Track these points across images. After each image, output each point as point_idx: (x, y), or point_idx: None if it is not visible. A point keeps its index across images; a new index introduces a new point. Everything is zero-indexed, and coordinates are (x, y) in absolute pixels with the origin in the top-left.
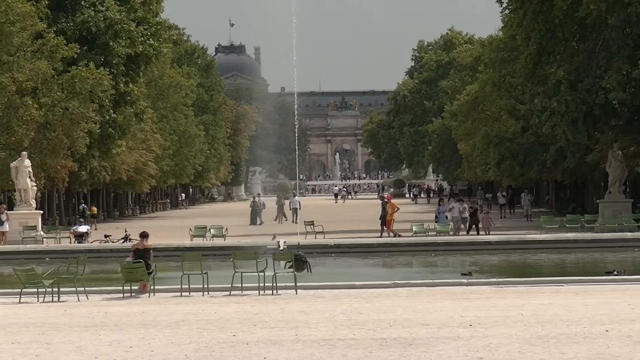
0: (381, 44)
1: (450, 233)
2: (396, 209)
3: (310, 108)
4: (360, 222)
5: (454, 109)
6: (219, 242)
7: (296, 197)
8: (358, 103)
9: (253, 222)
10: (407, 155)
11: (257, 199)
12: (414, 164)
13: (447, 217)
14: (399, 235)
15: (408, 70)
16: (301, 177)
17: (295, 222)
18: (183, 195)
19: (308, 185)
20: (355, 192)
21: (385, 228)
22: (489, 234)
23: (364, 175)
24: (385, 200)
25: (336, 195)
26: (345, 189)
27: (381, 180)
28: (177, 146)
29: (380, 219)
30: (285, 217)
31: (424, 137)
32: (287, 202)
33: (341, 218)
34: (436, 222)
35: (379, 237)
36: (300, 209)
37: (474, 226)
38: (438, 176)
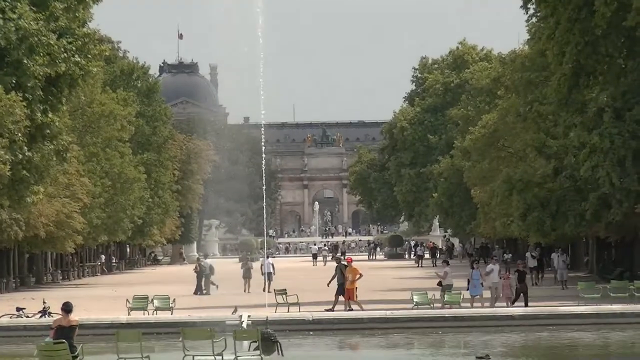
0: (372, 61)
1: (486, 305)
2: (358, 275)
3: (282, 144)
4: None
5: (466, 145)
6: (164, 316)
7: (269, 259)
8: (343, 137)
9: (198, 290)
10: (407, 204)
11: (202, 261)
12: (415, 215)
13: (482, 284)
14: (362, 308)
15: (407, 96)
16: (271, 233)
17: (269, 291)
18: (113, 257)
19: (279, 244)
20: (343, 253)
21: (339, 299)
22: (510, 305)
23: (350, 230)
24: (344, 263)
25: (315, 256)
26: (327, 248)
27: (373, 237)
28: (110, 193)
29: (339, 286)
30: (249, 284)
31: (428, 182)
32: (254, 264)
33: (321, 286)
34: (468, 290)
35: (331, 309)
36: (274, 273)
37: (522, 295)
38: (446, 231)
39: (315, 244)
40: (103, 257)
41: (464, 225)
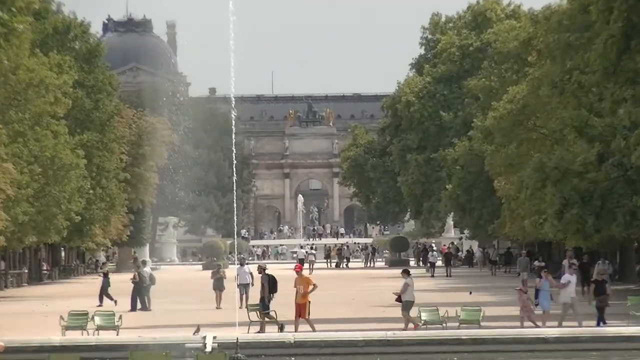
0: (371, 19)
1: (555, 325)
2: (311, 287)
3: (257, 122)
4: (338, 305)
5: (488, 124)
6: (108, 337)
7: (246, 267)
8: (334, 114)
9: (133, 306)
10: (413, 198)
11: (141, 269)
12: (424, 212)
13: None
14: (314, 328)
15: (414, 62)
16: (243, 234)
17: (246, 307)
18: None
19: (254, 247)
20: (347, 259)
21: (267, 318)
22: (535, 324)
23: (342, 230)
24: (269, 273)
25: (301, 262)
26: (313, 252)
27: (371, 239)
28: (40, 183)
29: (260, 301)
30: (221, 298)
31: (440, 170)
32: (225, 274)
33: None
34: (537, 305)
35: (258, 332)
36: (252, 284)
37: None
38: (462, 232)
39: (302, 247)
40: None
41: (484, 225)
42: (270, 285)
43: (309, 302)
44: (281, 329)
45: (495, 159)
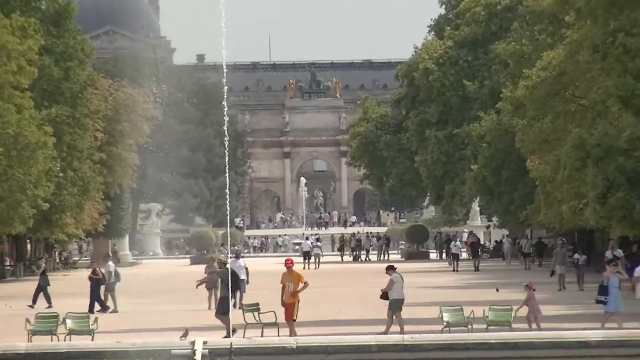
0: None
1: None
2: (303, 284)
3: (252, 93)
4: (348, 304)
5: (519, 94)
6: (81, 343)
7: (240, 261)
8: (341, 84)
9: (91, 307)
10: (433, 181)
11: (109, 263)
12: (446, 197)
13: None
14: (294, 334)
15: (434, 24)
16: (237, 223)
17: (240, 307)
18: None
19: (250, 238)
20: (367, 251)
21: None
22: (538, 326)
23: (353, 218)
24: (229, 267)
25: (307, 255)
26: (319, 243)
27: (384, 228)
28: (2, 165)
29: (220, 301)
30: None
31: (464, 148)
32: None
33: (315, 297)
34: (603, 301)
35: (226, 336)
36: (248, 281)
37: None
38: (490, 220)
39: (307, 238)
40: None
41: (515, 211)
42: (232, 282)
43: (298, 301)
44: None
45: (527, 134)
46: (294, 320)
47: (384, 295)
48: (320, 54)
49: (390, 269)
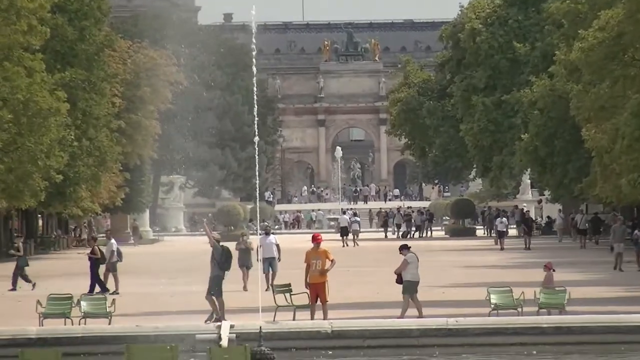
0: None
1: None
2: (330, 261)
3: (284, 56)
4: (386, 285)
5: (574, 57)
6: (98, 327)
7: (271, 237)
8: (380, 46)
9: (92, 288)
10: (480, 151)
11: (111, 241)
12: (494, 169)
13: None
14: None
15: None
16: (267, 197)
17: (270, 287)
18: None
19: (281, 213)
20: (417, 227)
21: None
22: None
23: (396, 191)
24: (222, 244)
25: (344, 232)
26: (357, 219)
27: (428, 202)
28: (11, 133)
29: (210, 281)
30: (247, 276)
31: (514, 116)
32: (252, 244)
33: (348, 278)
34: None
35: (208, 320)
36: (279, 258)
37: None
38: (542, 194)
39: (345, 213)
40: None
41: (569, 184)
42: (224, 260)
43: (327, 281)
44: (211, 318)
45: (583, 101)
46: (327, 302)
47: (399, 278)
48: (358, 13)
49: (405, 248)
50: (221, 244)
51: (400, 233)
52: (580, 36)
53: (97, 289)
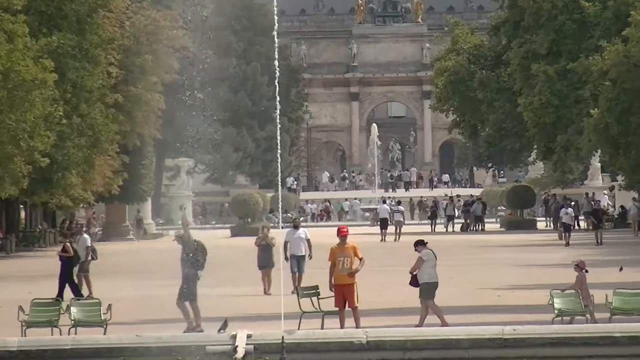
0: None
1: None
2: (360, 259)
3: (311, 18)
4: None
5: None
6: (89, 337)
7: (300, 231)
8: (423, 5)
9: (73, 292)
10: (541, 129)
11: (84, 236)
12: (558, 150)
13: None
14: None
15: None
16: (290, 183)
17: (295, 291)
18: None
19: (307, 202)
20: (479, 219)
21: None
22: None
23: (445, 177)
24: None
25: (384, 223)
26: (400, 208)
27: (480, 190)
28: None
29: (183, 285)
30: (269, 278)
31: (582, 88)
32: (274, 241)
33: (386, 278)
34: None
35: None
36: (311, 256)
37: None
38: (615, 180)
39: (384, 202)
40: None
41: None
42: (197, 257)
43: (355, 282)
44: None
45: None
46: (356, 307)
47: (413, 280)
48: None
49: (420, 244)
50: (194, 238)
51: (460, 226)
52: None
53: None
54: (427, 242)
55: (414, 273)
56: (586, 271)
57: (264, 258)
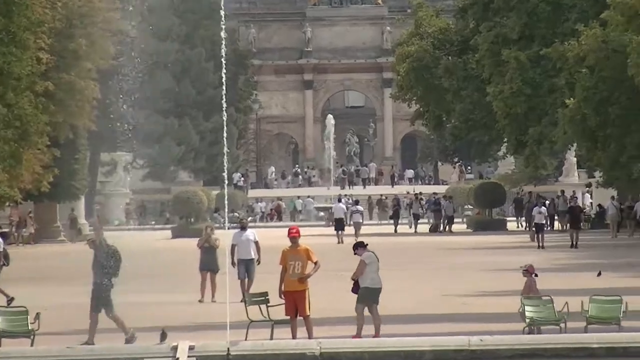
0: None
1: None
2: (314, 263)
3: None
4: (392, 295)
5: (633, 0)
6: (14, 349)
7: (248, 232)
8: None
9: None
10: (512, 121)
11: None
12: (530, 143)
13: None
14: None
15: None
16: (236, 180)
17: (244, 299)
18: None
19: (257, 200)
20: (449, 218)
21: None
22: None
23: (409, 173)
24: (109, 244)
25: (340, 224)
26: (359, 208)
27: (445, 187)
28: None
29: (95, 294)
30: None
31: (556, 75)
32: (218, 242)
33: (342, 285)
34: None
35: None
36: (259, 259)
37: None
38: (592, 176)
39: (340, 200)
40: None
41: (627, 163)
42: (111, 264)
43: (307, 289)
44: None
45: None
46: (309, 316)
47: (356, 287)
48: None
49: (360, 246)
50: (108, 243)
51: (428, 227)
52: None
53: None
54: (367, 244)
55: (355, 278)
56: (535, 275)
57: (207, 261)
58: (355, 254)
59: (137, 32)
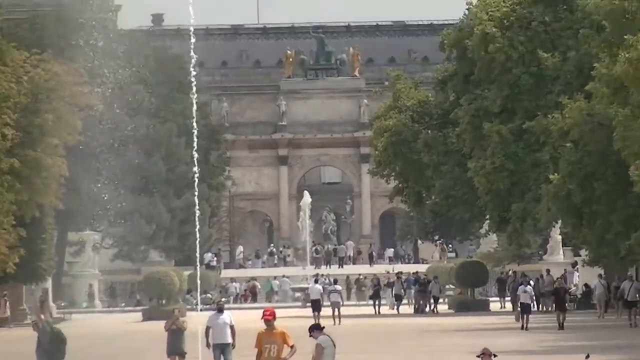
0: None
1: None
2: (291, 347)
3: (233, 71)
4: None
5: (619, 71)
6: None
7: (225, 315)
8: (361, 56)
9: None
10: (495, 197)
11: None
12: (514, 221)
13: None
14: None
15: None
16: (208, 259)
17: None
18: None
19: (230, 281)
20: (435, 299)
21: None
22: None
23: (389, 252)
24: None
25: (316, 306)
26: (337, 288)
27: (426, 266)
28: None
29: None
30: None
31: (540, 150)
32: (185, 324)
33: None
34: None
35: None
36: (234, 345)
37: None
38: (578, 254)
39: (317, 281)
40: None
41: (614, 241)
42: (56, 348)
43: None
44: None
45: (631, 129)
46: None
47: None
48: (332, 14)
49: (316, 328)
50: (52, 326)
51: (412, 308)
52: (628, 43)
53: None
54: (323, 327)
55: None
56: (495, 356)
57: (173, 344)
58: (310, 336)
59: (105, 107)
